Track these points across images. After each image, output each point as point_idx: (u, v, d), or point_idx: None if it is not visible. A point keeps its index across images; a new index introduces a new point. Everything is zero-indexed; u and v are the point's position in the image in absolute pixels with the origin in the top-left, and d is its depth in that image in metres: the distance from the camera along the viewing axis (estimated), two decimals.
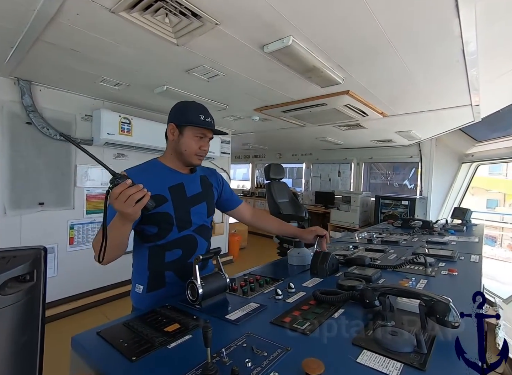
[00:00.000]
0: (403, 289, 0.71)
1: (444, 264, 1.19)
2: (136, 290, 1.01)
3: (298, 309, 0.78)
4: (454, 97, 2.26)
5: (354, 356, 0.55)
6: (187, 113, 1.00)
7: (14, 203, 2.27)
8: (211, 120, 1.01)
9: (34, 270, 0.22)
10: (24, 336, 0.22)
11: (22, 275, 0.22)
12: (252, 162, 7.44)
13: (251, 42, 1.48)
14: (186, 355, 0.59)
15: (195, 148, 1.00)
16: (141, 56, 1.71)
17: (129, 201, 0.72)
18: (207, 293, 0.84)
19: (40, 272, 0.23)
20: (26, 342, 0.22)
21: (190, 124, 0.98)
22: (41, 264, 0.23)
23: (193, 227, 1.03)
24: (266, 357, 0.56)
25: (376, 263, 1.19)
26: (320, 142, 4.76)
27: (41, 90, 2.36)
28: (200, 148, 1.01)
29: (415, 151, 4.55)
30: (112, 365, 0.56)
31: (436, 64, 1.68)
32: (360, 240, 1.82)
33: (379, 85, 2.07)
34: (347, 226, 4.83)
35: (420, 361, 0.51)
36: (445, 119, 2.95)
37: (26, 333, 0.22)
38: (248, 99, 2.56)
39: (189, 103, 1.03)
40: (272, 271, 1.25)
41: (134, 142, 2.79)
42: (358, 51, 1.56)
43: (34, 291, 0.22)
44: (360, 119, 2.98)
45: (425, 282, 0.96)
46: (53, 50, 1.64)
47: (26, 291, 0.22)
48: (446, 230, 2.05)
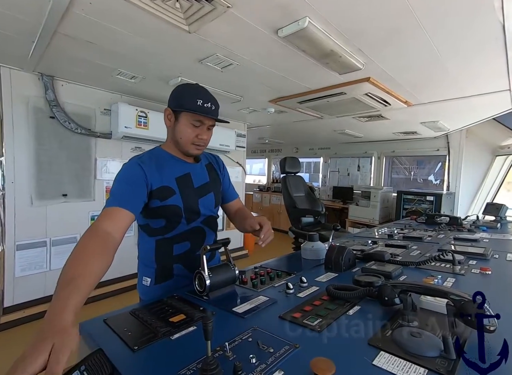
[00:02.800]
0: (427, 287, 0.64)
1: (475, 262, 1.08)
2: (144, 282, 0.99)
3: (310, 304, 0.73)
4: (490, 81, 2.05)
5: (370, 358, 0.49)
6: (183, 97, 0.89)
7: (39, 194, 2.38)
8: (211, 105, 0.89)
9: None
10: None
11: None
12: (268, 157, 7.37)
13: (265, 26, 1.42)
14: (189, 347, 0.57)
15: (191, 136, 0.91)
16: (154, 46, 1.70)
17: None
18: (214, 285, 0.82)
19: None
20: None
21: (184, 109, 0.88)
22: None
23: (201, 218, 1.00)
24: (272, 354, 0.52)
25: (397, 259, 1.10)
26: (338, 135, 4.59)
27: (63, 85, 2.44)
28: (197, 136, 0.91)
29: (442, 143, 4.25)
30: (114, 353, 0.55)
31: (470, 44, 1.52)
32: (380, 236, 1.72)
33: (403, 70, 1.92)
34: (366, 222, 4.65)
35: (448, 368, 0.44)
36: (477, 108, 2.71)
37: None
38: (263, 89, 2.49)
39: (187, 86, 0.93)
40: (284, 265, 1.20)
41: (150, 135, 2.83)
42: (381, 32, 1.44)
43: None
44: (382, 109, 2.82)
45: (453, 281, 0.87)
46: (70, 43, 1.67)
47: None
48: (477, 227, 1.89)
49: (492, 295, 0.76)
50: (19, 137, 2.26)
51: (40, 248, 2.40)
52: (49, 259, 2.45)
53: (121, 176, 0.88)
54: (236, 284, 0.90)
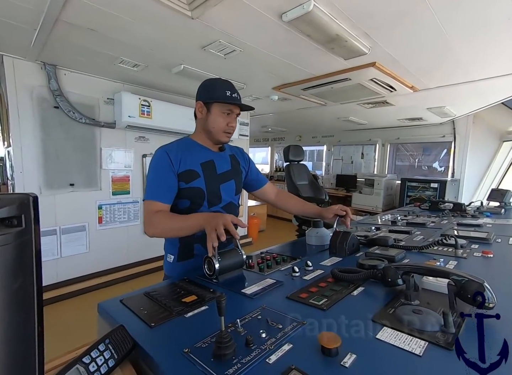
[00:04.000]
0: (429, 268, 0.66)
1: (478, 246, 1.10)
2: (168, 259, 1.08)
3: (316, 286, 0.76)
4: (498, 64, 2.00)
5: (374, 332, 0.52)
6: (214, 89, 0.99)
7: (47, 183, 2.43)
8: (237, 95, 1.00)
9: (21, 215, 0.22)
10: (16, 283, 0.22)
11: (8, 219, 0.22)
12: (271, 146, 7.33)
13: (269, 10, 1.39)
14: (202, 324, 0.60)
15: (223, 125, 1.01)
16: (157, 33, 1.68)
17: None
18: (223, 268, 0.85)
19: (29, 218, 0.22)
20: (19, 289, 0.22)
21: (217, 100, 0.98)
22: (29, 209, 0.23)
23: (222, 203, 1.07)
24: (280, 330, 0.55)
25: (400, 244, 1.12)
26: (342, 122, 4.54)
27: (65, 74, 2.43)
28: (228, 124, 1.01)
29: (448, 129, 4.19)
30: (133, 329, 0.59)
31: (479, 25, 1.48)
32: (383, 222, 1.74)
33: (410, 54, 1.88)
34: (370, 210, 4.68)
35: (447, 340, 0.47)
36: (485, 92, 2.65)
37: (18, 279, 0.22)
38: (266, 76, 2.46)
39: (215, 80, 1.03)
40: (289, 250, 1.23)
41: (154, 124, 2.83)
42: (388, 15, 1.41)
43: (23, 236, 0.22)
44: (387, 95, 2.77)
45: (455, 264, 0.89)
46: (72, 30, 1.65)
47: (14, 236, 0.22)
48: (481, 213, 1.90)
49: (493, 276, 0.79)
50: (26, 127, 2.28)
51: (50, 236, 2.47)
52: (59, 247, 2.53)
53: (153, 167, 1.01)
54: (243, 268, 0.94)
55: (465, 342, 0.49)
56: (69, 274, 2.61)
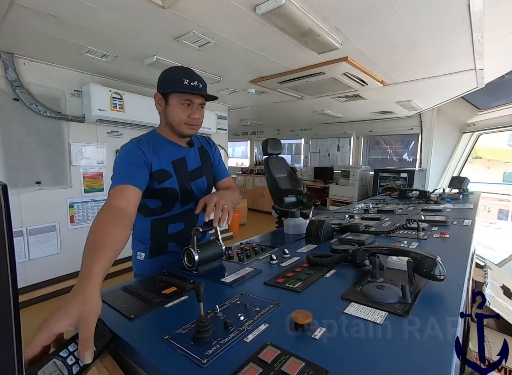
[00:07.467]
0: (391, 248, 0.73)
1: (437, 228, 1.21)
2: (138, 257, 1.03)
3: (292, 271, 0.80)
4: (457, 61, 2.16)
5: (342, 308, 0.57)
6: (169, 79, 0.92)
7: (10, 182, 2.26)
8: (198, 84, 0.91)
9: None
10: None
11: None
12: (250, 139, 7.33)
13: (242, 2, 1.38)
14: (182, 313, 0.62)
15: (183, 116, 0.93)
16: (126, 22, 1.61)
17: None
18: (203, 259, 0.86)
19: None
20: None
21: (173, 90, 0.90)
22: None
23: (195, 200, 1.04)
24: (258, 312, 0.58)
25: (370, 230, 1.20)
26: (318, 115, 4.64)
27: (24, 63, 2.25)
28: (189, 116, 0.94)
29: (415, 122, 4.45)
30: (112, 322, 0.59)
31: (438, 23, 1.58)
32: (357, 211, 1.83)
33: (379, 49, 1.97)
34: (346, 201, 4.87)
35: (404, 309, 0.54)
36: (447, 86, 2.85)
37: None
38: (242, 69, 2.45)
39: (173, 68, 0.96)
40: (268, 240, 1.27)
41: (127, 118, 2.72)
42: (356, 10, 1.46)
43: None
44: (360, 88, 2.88)
45: (417, 244, 0.98)
46: (30, 16, 1.54)
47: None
48: (443, 199, 2.06)
49: (447, 254, 0.88)
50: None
51: (16, 238, 2.32)
52: (27, 249, 2.39)
53: (122, 157, 0.90)
54: (223, 259, 0.96)
55: (420, 310, 0.55)
56: (40, 277, 2.47)
